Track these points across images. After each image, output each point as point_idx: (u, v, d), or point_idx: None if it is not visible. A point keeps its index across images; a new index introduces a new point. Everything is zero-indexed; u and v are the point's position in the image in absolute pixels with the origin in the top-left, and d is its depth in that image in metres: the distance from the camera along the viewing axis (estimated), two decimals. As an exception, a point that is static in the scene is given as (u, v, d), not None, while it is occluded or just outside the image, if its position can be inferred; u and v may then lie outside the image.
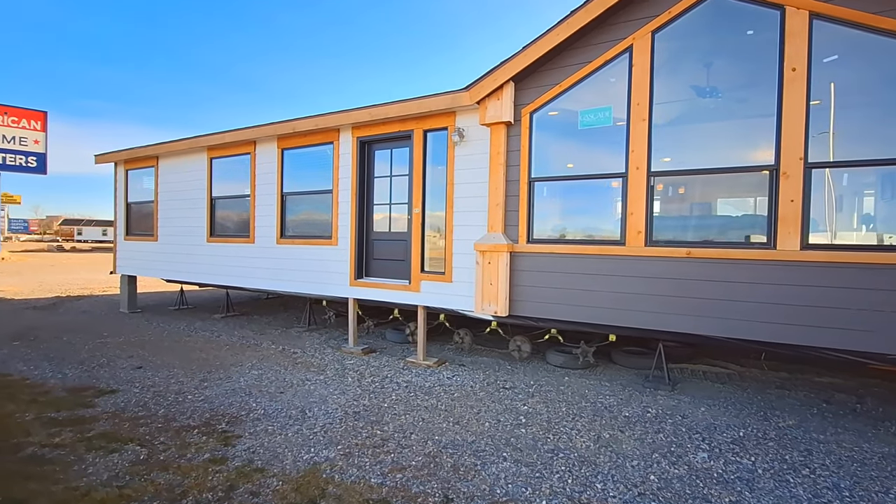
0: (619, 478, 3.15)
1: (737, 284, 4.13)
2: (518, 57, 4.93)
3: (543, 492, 2.96)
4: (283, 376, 5.27)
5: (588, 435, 3.81)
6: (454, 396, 4.66)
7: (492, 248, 5.16)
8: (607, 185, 4.89)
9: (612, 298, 4.67)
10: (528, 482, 3.07)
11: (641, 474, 3.20)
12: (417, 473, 3.15)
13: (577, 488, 3.01)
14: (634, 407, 4.46)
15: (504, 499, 2.88)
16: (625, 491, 2.98)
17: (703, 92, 4.41)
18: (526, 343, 6.02)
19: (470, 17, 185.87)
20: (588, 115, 4.85)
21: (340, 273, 6.49)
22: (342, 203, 6.47)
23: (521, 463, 3.32)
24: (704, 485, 3.07)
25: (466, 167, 5.49)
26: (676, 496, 2.93)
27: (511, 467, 3.25)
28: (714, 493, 2.97)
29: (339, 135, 6.48)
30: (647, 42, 4.49)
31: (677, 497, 2.92)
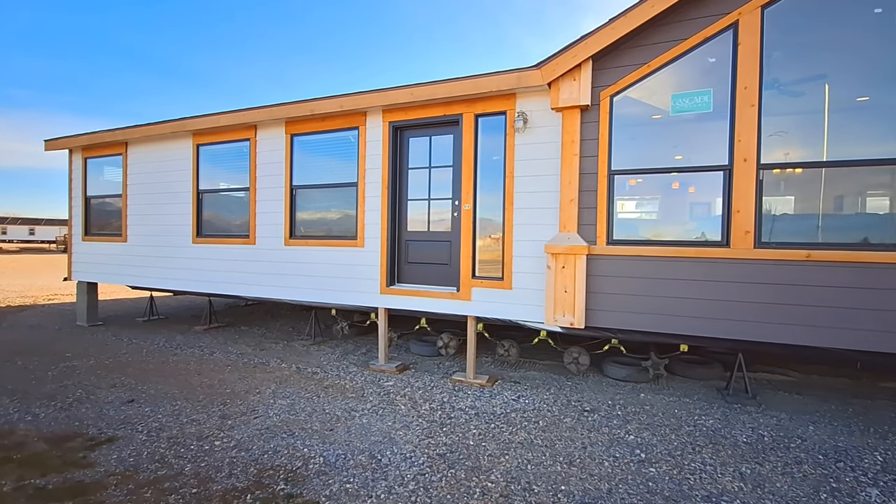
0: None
1: (870, 291, 3.70)
2: (603, 31, 4.29)
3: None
4: (319, 406, 4.36)
5: (727, 471, 3.23)
6: (540, 426, 3.95)
7: (567, 250, 4.50)
8: (703, 179, 4.35)
9: (711, 307, 4.13)
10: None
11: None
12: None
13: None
14: (741, 428, 3.95)
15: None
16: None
17: (822, 77, 3.96)
18: (584, 355, 5.41)
19: (422, 18, 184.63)
20: (682, 99, 4.28)
21: (368, 279, 5.60)
22: (370, 198, 5.58)
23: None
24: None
25: (529, 158, 4.79)
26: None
27: (679, 526, 2.61)
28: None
29: (366, 119, 5.58)
30: (756, 18, 3.98)
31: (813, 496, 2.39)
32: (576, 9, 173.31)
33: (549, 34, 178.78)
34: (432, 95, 5.00)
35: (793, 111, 4.03)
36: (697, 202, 4.46)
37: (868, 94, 3.85)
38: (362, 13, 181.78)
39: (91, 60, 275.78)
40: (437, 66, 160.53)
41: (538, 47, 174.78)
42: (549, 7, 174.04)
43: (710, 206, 4.30)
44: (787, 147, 4.00)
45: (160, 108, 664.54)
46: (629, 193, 4.62)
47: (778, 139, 3.99)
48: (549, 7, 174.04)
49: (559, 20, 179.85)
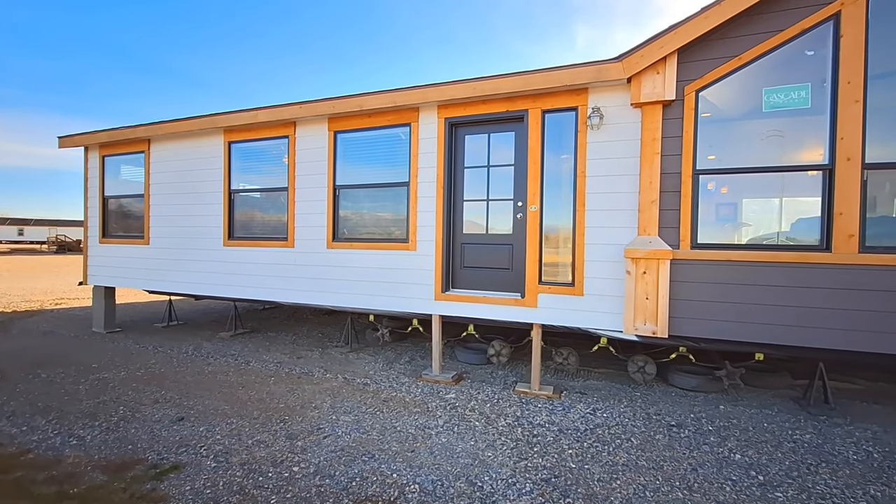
0: None
1: None
2: (694, 21, 4.02)
3: None
4: (387, 422, 4.04)
5: (857, 494, 2.98)
6: (635, 445, 3.68)
7: (649, 254, 4.23)
8: (800, 180, 4.11)
9: (807, 315, 3.89)
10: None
11: None
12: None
13: None
14: (842, 444, 3.70)
15: None
16: None
17: (933, 70, 3.73)
18: (650, 364, 5.15)
19: (413, 19, 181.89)
20: (777, 94, 4.04)
21: (421, 284, 5.28)
22: (423, 199, 5.26)
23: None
24: None
25: (603, 156, 4.52)
26: None
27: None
28: None
29: (418, 115, 5.27)
30: (861, 7, 3.75)
31: None
32: (566, 11, 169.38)
33: (538, 36, 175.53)
34: (496, 90, 4.69)
35: (884, 116, 3.80)
36: (792, 204, 4.22)
37: None
38: (354, 14, 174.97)
39: (81, 59, 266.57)
40: (430, 68, 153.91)
41: (527, 49, 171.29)
42: (537, 9, 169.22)
43: (808, 208, 4.06)
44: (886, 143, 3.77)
45: (154, 108, 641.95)
46: (715, 194, 4.36)
47: (880, 141, 3.76)
48: (537, 9, 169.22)
49: (548, 22, 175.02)
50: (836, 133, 3.82)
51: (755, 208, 4.42)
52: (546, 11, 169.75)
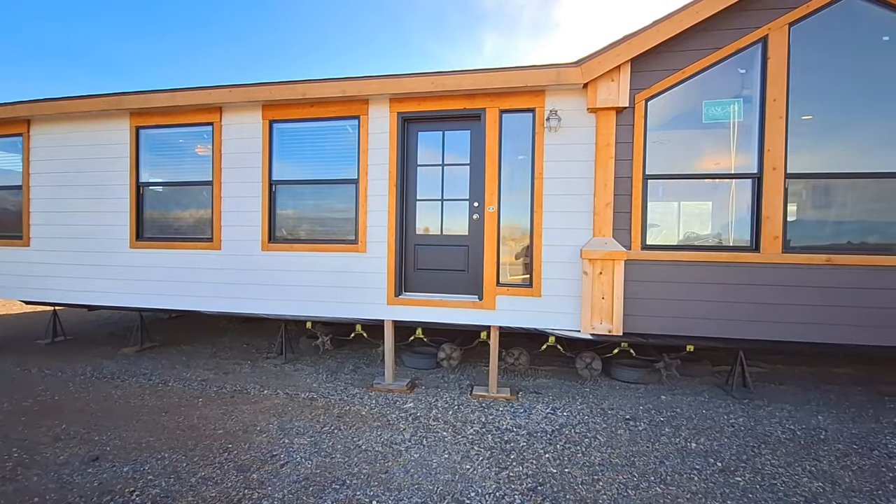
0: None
1: (879, 291, 4.08)
2: (644, 34, 4.21)
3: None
4: (349, 441, 3.71)
5: (798, 471, 3.31)
6: (602, 442, 3.75)
7: (606, 255, 4.37)
8: (734, 186, 4.49)
9: (744, 310, 4.29)
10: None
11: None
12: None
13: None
14: (769, 424, 4.13)
15: None
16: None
17: (838, 95, 4.28)
18: (597, 360, 5.36)
19: (335, 21, 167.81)
20: (714, 107, 4.38)
21: (372, 288, 4.97)
22: (374, 197, 4.95)
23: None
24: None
25: (560, 159, 4.58)
26: None
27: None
28: None
29: (368, 107, 4.94)
30: (784, 34, 4.19)
31: (877, 490, 2.58)
32: (474, 17, 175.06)
33: (449, 39, 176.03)
34: (458, 86, 4.55)
35: (814, 123, 4.31)
36: (729, 208, 4.61)
37: (881, 112, 4.25)
38: (275, 16, 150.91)
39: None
40: (351, 68, 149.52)
41: (440, 51, 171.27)
42: (449, 13, 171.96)
43: (741, 212, 4.46)
44: (809, 159, 4.26)
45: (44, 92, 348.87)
46: (662, 198, 4.63)
47: (801, 152, 4.24)
48: (449, 13, 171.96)
49: (459, 27, 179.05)
50: (763, 145, 4.24)
51: (694, 211, 4.78)
52: (457, 16, 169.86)
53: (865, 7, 4.12)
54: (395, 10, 64.69)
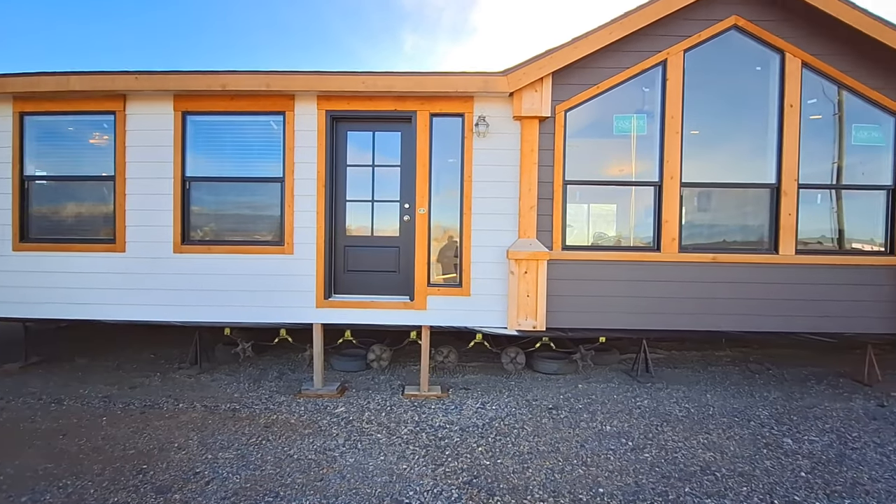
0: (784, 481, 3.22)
1: (751, 284, 4.78)
2: (564, 50, 4.53)
3: None
4: (279, 451, 3.58)
5: (693, 444, 3.80)
6: (529, 432, 4.00)
7: (530, 256, 4.64)
8: (639, 192, 4.98)
9: (649, 304, 4.80)
10: None
11: (788, 471, 3.34)
12: None
13: None
14: (668, 404, 4.67)
15: None
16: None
17: (722, 114, 4.92)
18: (521, 354, 5.66)
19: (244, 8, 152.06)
20: (623, 121, 4.83)
21: (299, 291, 4.81)
22: (301, 197, 4.79)
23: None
24: (808, 454, 3.41)
25: (488, 163, 4.77)
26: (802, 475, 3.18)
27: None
28: (831, 460, 3.33)
29: (294, 103, 4.76)
30: (680, 59, 4.74)
31: (755, 455, 3.16)
32: (395, 16, 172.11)
33: (369, 37, 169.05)
34: (390, 88, 4.55)
35: (702, 138, 4.92)
36: (633, 212, 5.09)
37: (750, 131, 4.96)
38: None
39: None
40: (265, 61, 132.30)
41: (361, 49, 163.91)
42: (368, 9, 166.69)
43: (644, 215, 4.96)
44: (697, 169, 4.87)
45: None
46: (578, 201, 5.01)
47: (693, 163, 4.83)
48: (368, 9, 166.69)
49: (378, 24, 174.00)
50: (663, 156, 4.77)
51: (603, 213, 5.24)
52: (376, 13, 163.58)
53: (744, 41, 4.79)
54: (311, 1, 61.88)
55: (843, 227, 5.03)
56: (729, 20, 4.71)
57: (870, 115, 4.86)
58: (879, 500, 3.04)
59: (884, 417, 4.40)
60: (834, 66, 4.72)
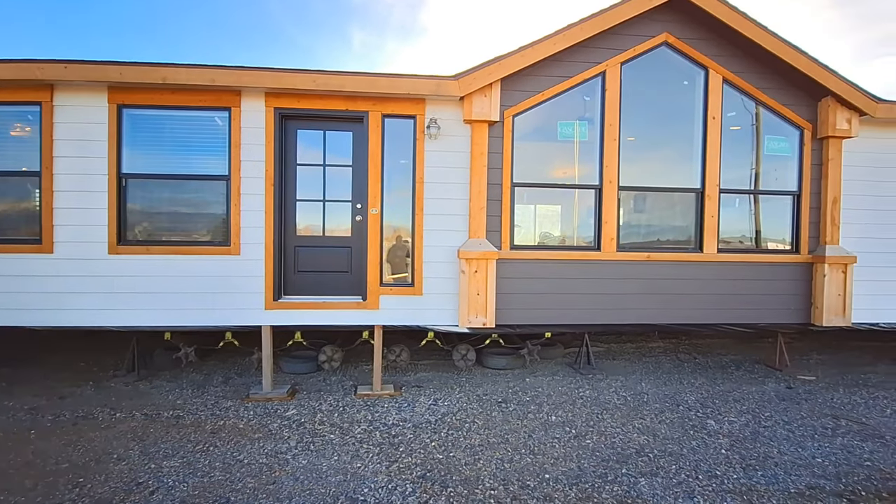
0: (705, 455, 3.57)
1: (680, 280, 5.20)
2: (512, 58, 4.72)
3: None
4: (228, 457, 3.50)
5: (630, 429, 4.11)
6: (479, 425, 4.15)
7: (481, 255, 4.79)
8: (579, 194, 5.26)
9: (591, 300, 5.10)
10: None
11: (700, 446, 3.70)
12: None
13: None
14: (608, 394, 5.01)
15: None
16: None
17: (655, 123, 5.31)
18: (471, 351, 5.82)
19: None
20: (566, 127, 5.10)
21: (247, 293, 4.70)
22: (248, 196, 4.67)
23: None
24: (728, 433, 3.81)
25: (440, 165, 4.88)
26: (680, 441, 3.56)
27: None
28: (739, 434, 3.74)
29: (240, 100, 4.63)
30: (618, 71, 5.06)
31: (682, 437, 3.54)
32: (342, 9, 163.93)
33: (314, 30, 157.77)
34: (341, 87, 4.54)
35: (637, 145, 5.29)
36: (579, 213, 5.38)
37: (678, 140, 5.38)
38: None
39: None
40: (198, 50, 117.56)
41: (306, 42, 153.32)
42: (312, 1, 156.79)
43: (585, 216, 5.26)
44: (633, 174, 5.23)
45: None
46: (525, 202, 5.23)
47: (629, 168, 5.18)
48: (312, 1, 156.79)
49: (324, 17, 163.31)
50: (603, 161, 5.08)
51: (548, 214, 5.50)
52: (321, 4, 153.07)
53: (673, 56, 5.19)
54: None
55: (759, 228, 5.59)
56: (660, 37, 5.09)
57: (780, 128, 5.43)
58: (786, 470, 3.44)
59: (791, 398, 4.95)
60: (751, 83, 5.23)
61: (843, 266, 5.24)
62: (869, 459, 3.64)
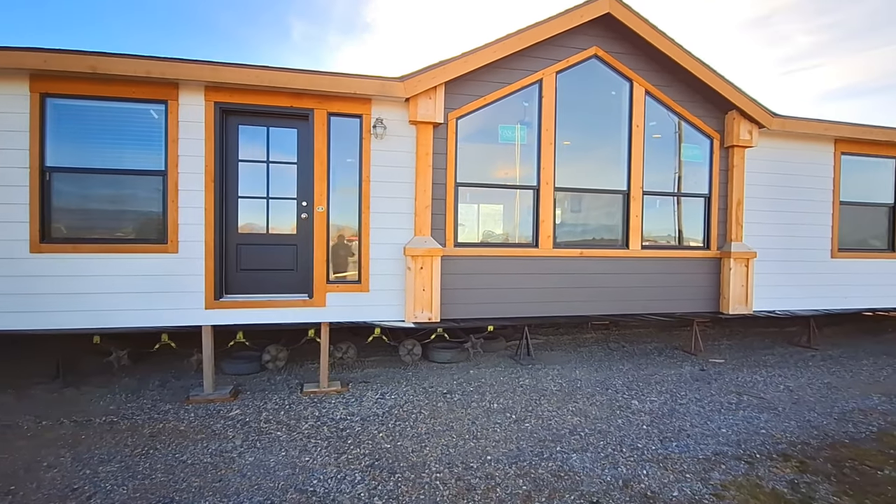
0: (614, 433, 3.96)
1: (610, 275, 5.66)
2: (456, 63, 4.92)
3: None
4: (170, 459, 3.43)
5: (565, 412, 4.45)
6: (426, 415, 4.32)
7: (426, 252, 4.96)
8: (519, 195, 5.57)
9: (530, 294, 5.43)
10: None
11: (626, 424, 4.12)
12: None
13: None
14: (546, 381, 5.36)
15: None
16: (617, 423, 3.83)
17: (588, 129, 5.72)
18: (417, 346, 5.98)
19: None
20: (506, 130, 5.38)
21: (186, 292, 4.57)
22: (187, 192, 4.54)
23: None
24: (649, 411, 4.27)
25: (386, 164, 4.99)
26: (614, 419, 4.00)
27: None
28: (662, 410, 4.21)
29: (178, 93, 4.49)
30: (553, 80, 5.42)
31: (610, 416, 3.98)
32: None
33: (250, 18, 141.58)
34: (286, 84, 4.52)
35: (571, 149, 5.68)
36: (519, 212, 5.68)
37: (608, 146, 5.84)
38: None
39: None
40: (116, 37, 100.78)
41: (240, 31, 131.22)
42: None
43: (524, 215, 5.57)
44: (568, 175, 5.62)
45: None
46: (468, 202, 5.45)
47: (564, 170, 5.56)
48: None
49: (261, 5, 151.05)
50: (540, 164, 5.42)
51: (492, 213, 5.77)
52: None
53: (602, 69, 5.63)
54: (176, -34, 54.06)
55: (680, 226, 6.18)
56: (591, 50, 5.51)
57: (695, 137, 6.04)
58: (696, 440, 3.90)
59: (703, 379, 5.54)
60: (670, 96, 5.78)
61: (746, 261, 5.93)
62: (764, 428, 4.19)
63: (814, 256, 6.42)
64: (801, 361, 6.38)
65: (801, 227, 6.35)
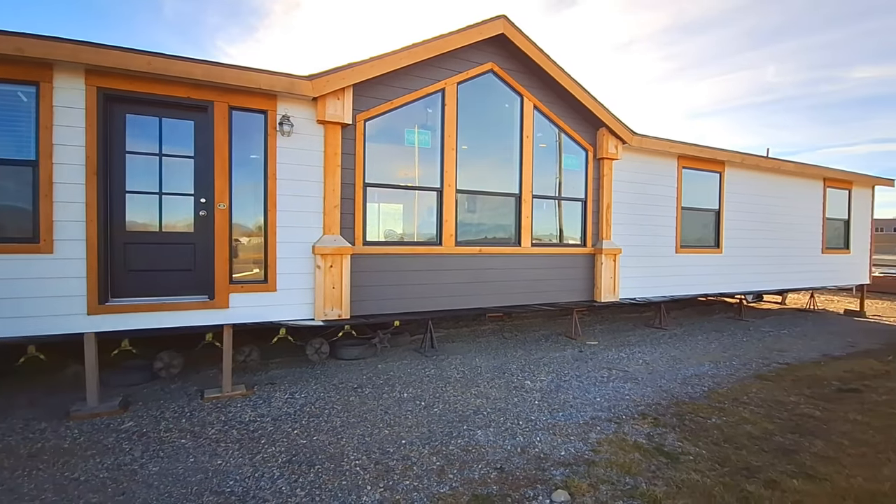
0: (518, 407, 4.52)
1: (504, 270, 6.26)
2: (364, 66, 5.07)
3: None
4: (58, 479, 3.13)
5: (469, 396, 4.89)
6: (339, 410, 4.44)
7: (335, 251, 5.05)
8: (419, 195, 5.88)
9: (434, 289, 5.79)
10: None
11: (529, 400, 4.69)
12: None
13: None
14: (449, 370, 5.79)
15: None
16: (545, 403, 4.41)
17: (485, 136, 6.23)
18: (325, 344, 6.00)
19: None
20: (412, 134, 5.67)
21: (64, 297, 4.10)
22: (63, 185, 4.07)
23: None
24: (539, 389, 4.92)
25: (293, 162, 4.96)
26: (531, 400, 4.64)
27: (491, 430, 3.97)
28: (557, 386, 4.88)
29: (52, 74, 4.00)
30: (455, 89, 5.84)
31: (507, 396, 4.62)
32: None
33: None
34: (183, 74, 4.28)
35: (471, 154, 6.16)
36: (419, 212, 6.00)
37: (504, 152, 6.43)
38: None
39: None
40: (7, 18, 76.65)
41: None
42: None
43: (429, 214, 5.92)
44: (467, 178, 6.09)
45: None
46: (376, 201, 5.63)
47: (464, 174, 6.02)
48: None
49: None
50: (443, 167, 5.81)
51: (392, 212, 6.02)
52: None
53: (497, 83, 6.20)
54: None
55: (561, 226, 7.02)
56: (487, 65, 6.04)
57: (574, 148, 6.92)
58: (577, 409, 4.57)
59: (582, 359, 6.41)
60: (554, 111, 6.56)
61: (614, 256, 6.97)
62: (629, 395, 5.05)
63: (663, 252, 7.74)
64: (655, 340, 7.67)
65: (654, 228, 7.61)
